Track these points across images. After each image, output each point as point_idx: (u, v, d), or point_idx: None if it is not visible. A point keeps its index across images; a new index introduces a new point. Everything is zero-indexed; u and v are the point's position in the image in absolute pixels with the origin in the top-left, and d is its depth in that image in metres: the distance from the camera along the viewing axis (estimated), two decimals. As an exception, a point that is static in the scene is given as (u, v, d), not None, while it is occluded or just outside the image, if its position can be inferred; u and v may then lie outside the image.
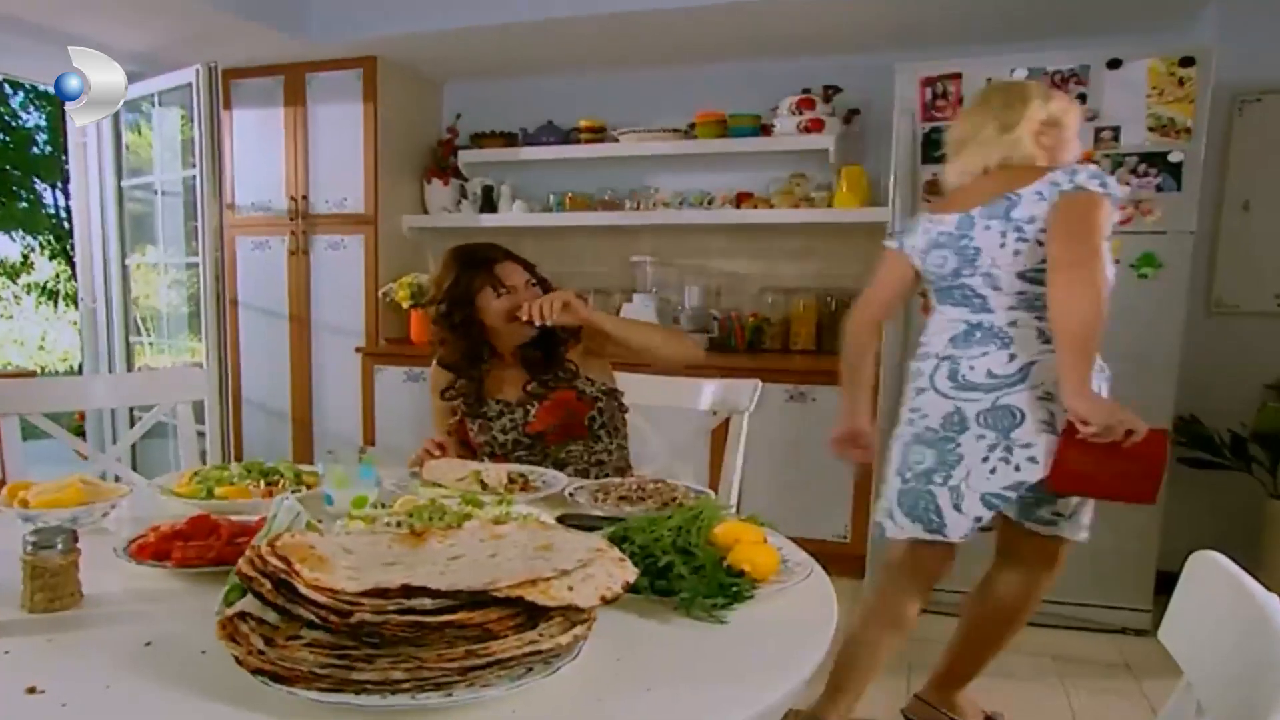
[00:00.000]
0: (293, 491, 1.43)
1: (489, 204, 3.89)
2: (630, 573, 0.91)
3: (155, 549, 1.15)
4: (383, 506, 1.29)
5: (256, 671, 0.79)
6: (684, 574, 1.07)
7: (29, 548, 1.00)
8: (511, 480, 1.57)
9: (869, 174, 3.42)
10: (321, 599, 0.79)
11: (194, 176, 3.48)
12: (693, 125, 3.61)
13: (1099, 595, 2.82)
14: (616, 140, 3.69)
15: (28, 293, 10.13)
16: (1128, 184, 2.59)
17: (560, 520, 1.28)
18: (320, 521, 1.19)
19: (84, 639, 0.96)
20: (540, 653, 0.82)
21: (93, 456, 2.05)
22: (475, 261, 1.93)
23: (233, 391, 3.93)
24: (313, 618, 0.79)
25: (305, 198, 3.84)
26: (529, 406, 1.92)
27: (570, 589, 0.84)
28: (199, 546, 1.12)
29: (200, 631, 0.89)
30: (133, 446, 4.01)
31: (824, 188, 3.51)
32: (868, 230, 3.41)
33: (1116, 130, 2.59)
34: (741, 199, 3.61)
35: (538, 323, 1.75)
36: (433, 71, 3.98)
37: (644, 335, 1.93)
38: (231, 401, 3.85)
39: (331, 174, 3.82)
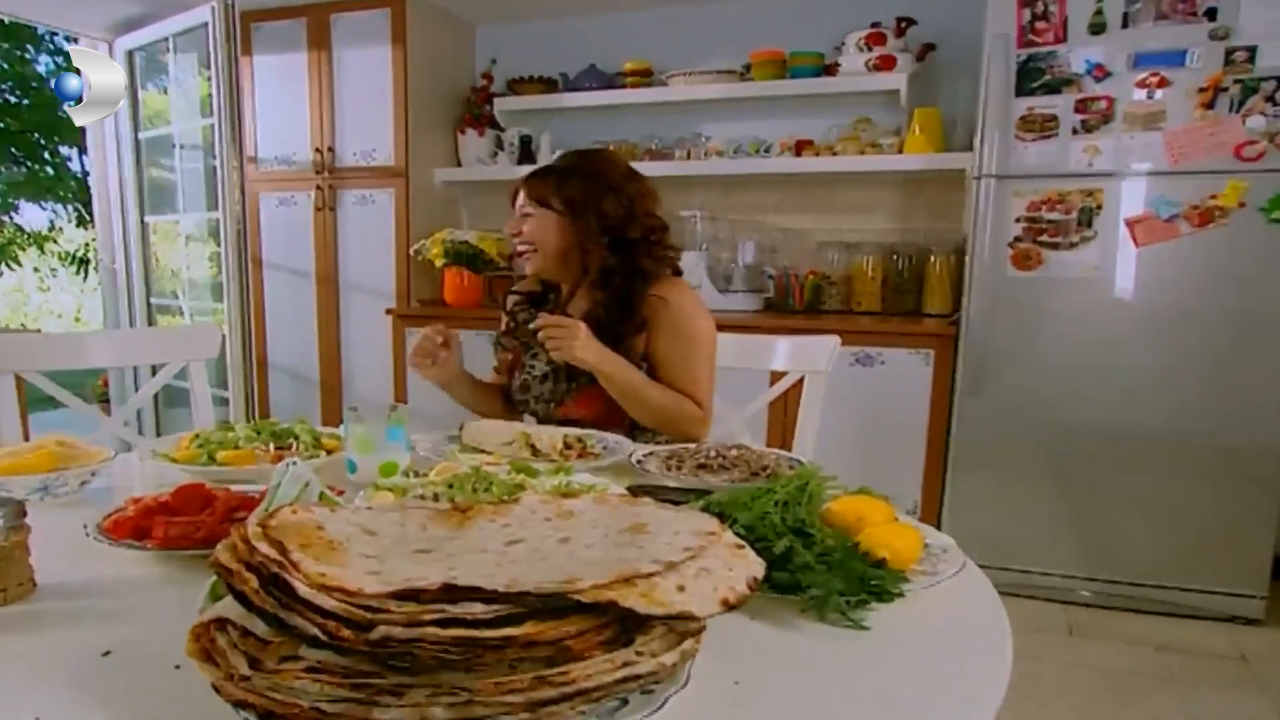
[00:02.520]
0: (307, 457, 1.19)
1: (527, 155, 3.64)
2: (756, 566, 0.66)
3: (134, 526, 0.92)
4: (416, 475, 1.05)
5: (239, 705, 0.55)
6: (809, 563, 0.81)
7: (-39, 524, 0.78)
8: (568, 445, 1.32)
9: (944, 116, 3.10)
10: (330, 603, 0.55)
11: (212, 127, 3.25)
12: (748, 66, 3.32)
13: (1206, 580, 2.56)
14: (665, 84, 3.42)
15: (61, 262, 10.05)
16: (1262, 114, 2.26)
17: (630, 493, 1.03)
18: (340, 493, 0.96)
19: (24, 646, 0.73)
20: (638, 678, 0.58)
21: (109, 424, 1.89)
22: None
23: (257, 355, 3.74)
24: (316, 632, 0.55)
25: (331, 150, 3.61)
26: (568, 385, 1.65)
27: (681, 589, 0.60)
28: (185, 524, 0.89)
29: (177, 636, 0.65)
30: (156, 418, 3.85)
31: (893, 133, 3.19)
32: (941, 179, 3.11)
33: (1252, 51, 2.24)
34: (801, 147, 3.31)
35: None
36: (466, 12, 3.71)
37: (645, 410, 1.59)
38: (256, 365, 3.66)
39: (359, 124, 3.58)
